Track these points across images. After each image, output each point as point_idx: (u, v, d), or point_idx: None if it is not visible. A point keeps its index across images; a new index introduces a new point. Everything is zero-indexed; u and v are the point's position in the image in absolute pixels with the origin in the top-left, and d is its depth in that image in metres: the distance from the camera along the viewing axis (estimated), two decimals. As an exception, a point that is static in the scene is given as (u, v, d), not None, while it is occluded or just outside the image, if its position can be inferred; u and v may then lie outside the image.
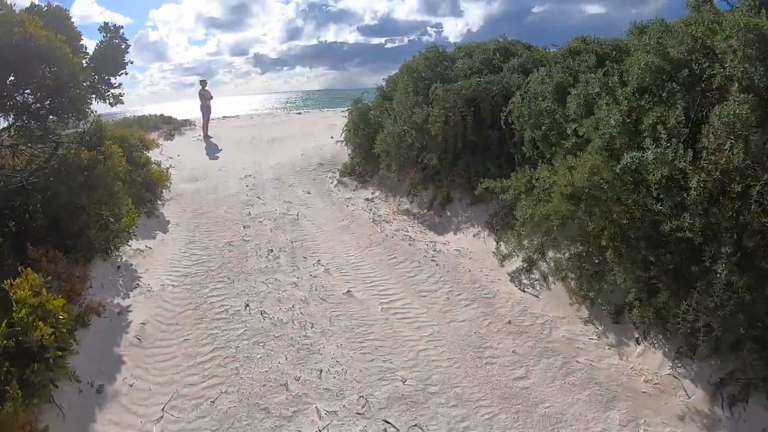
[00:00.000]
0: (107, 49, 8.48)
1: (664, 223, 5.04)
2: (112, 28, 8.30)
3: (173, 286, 7.00)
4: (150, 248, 8.21)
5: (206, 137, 17.68)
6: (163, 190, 11.11)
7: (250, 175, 12.74)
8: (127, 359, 5.39)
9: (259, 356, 5.46)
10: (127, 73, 8.60)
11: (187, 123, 20.19)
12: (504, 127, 7.90)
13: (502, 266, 7.38)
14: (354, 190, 11.53)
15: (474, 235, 8.39)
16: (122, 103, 9.08)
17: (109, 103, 8.93)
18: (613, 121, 5.49)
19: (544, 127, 7.09)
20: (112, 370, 5.21)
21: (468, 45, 11.46)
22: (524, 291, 6.89)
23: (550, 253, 7.13)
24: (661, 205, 5.12)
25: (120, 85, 8.84)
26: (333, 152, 14.28)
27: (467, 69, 10.06)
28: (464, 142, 9.15)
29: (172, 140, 18.12)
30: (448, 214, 9.33)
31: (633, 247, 5.54)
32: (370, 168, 11.80)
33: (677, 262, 5.17)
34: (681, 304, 4.96)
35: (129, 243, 7.86)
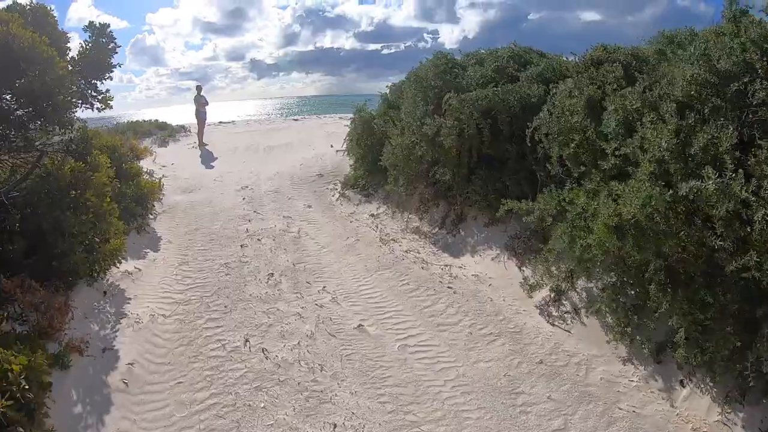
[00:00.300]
0: (93, 50, 7.78)
1: (726, 261, 4.43)
2: (98, 26, 7.58)
3: (164, 316, 6.30)
4: (139, 270, 7.49)
5: (201, 144, 16.97)
6: (155, 203, 10.41)
7: (247, 187, 12.04)
8: (113, 409, 4.69)
9: (262, 405, 4.77)
10: (111, 78, 7.89)
11: (182, 129, 19.44)
12: (529, 143, 7.26)
13: (530, 297, 6.74)
14: (358, 204, 10.86)
15: (492, 259, 7.73)
16: (110, 108, 8.37)
17: (96, 109, 8.24)
18: (664, 143, 4.86)
19: (573, 145, 6.47)
20: (95, 422, 4.50)
21: (477, 52, 10.83)
22: (554, 325, 6.25)
23: (581, 282, 6.53)
24: (721, 241, 4.51)
25: (108, 90, 8.16)
26: (334, 162, 13.62)
27: (479, 77, 9.42)
28: (479, 157, 8.51)
29: (166, 147, 17.37)
30: (463, 233, 8.68)
31: (685, 284, 4.93)
32: (374, 181, 11.13)
33: (739, 302, 4.58)
34: (737, 347, 4.45)
35: (117, 264, 7.14)
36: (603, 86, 6.84)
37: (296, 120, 24.58)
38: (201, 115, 16.99)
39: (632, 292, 5.70)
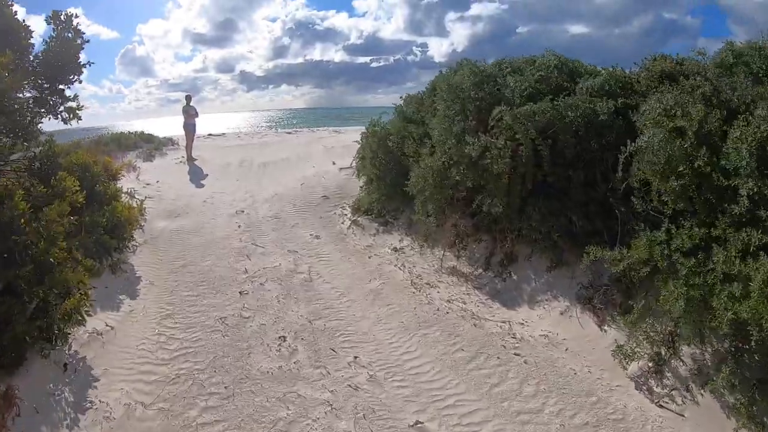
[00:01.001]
0: (57, 46, 6.07)
1: None
2: (63, 17, 5.88)
3: (144, 405, 4.50)
4: (111, 328, 5.69)
5: (190, 159, 15.16)
6: (136, 230, 8.63)
7: (243, 211, 10.28)
8: None
9: None
10: (80, 81, 6.22)
11: (169, 142, 17.57)
12: (620, 172, 5.64)
13: (624, 368, 5.09)
14: (375, 234, 9.15)
15: (561, 313, 6.05)
16: (79, 119, 6.68)
17: (62, 120, 6.54)
18: None
19: (683, 180, 4.91)
20: None
21: (511, 59, 9.24)
22: (661, 406, 4.64)
23: (685, 348, 4.94)
24: None
25: (75, 96, 6.46)
26: (338, 182, 11.93)
27: (523, 89, 7.83)
28: (534, 184, 6.89)
29: (151, 162, 15.50)
30: (515, 278, 7.01)
31: None
32: (392, 206, 9.45)
33: None
34: None
35: (82, 322, 5.36)
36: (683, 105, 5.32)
37: (290, 133, 22.87)
38: (190, 128, 15.21)
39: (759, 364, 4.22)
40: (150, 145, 17.10)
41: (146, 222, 9.43)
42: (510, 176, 6.84)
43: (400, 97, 11.06)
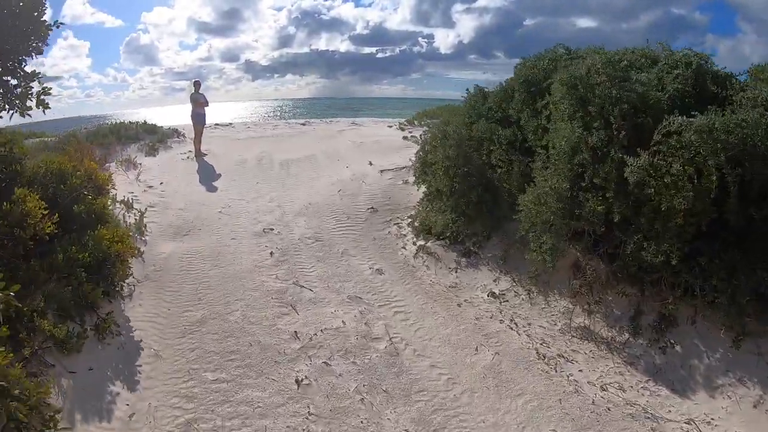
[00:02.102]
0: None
1: None
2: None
3: None
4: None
5: (199, 154, 12.67)
6: (133, 259, 6.20)
7: (272, 229, 7.83)
8: None
9: None
10: (42, 52, 3.83)
11: (174, 133, 15.04)
12: None
13: None
14: (456, 269, 6.72)
15: (755, 405, 3.96)
16: (48, 108, 4.31)
17: (19, 111, 4.16)
18: None
19: None
20: None
21: (621, 52, 6.84)
22: None
23: None
24: None
25: (39, 75, 4.05)
26: (383, 188, 9.49)
27: (655, 91, 5.54)
28: (710, 224, 4.56)
29: (154, 156, 12.98)
30: (678, 349, 4.71)
31: None
32: (473, 229, 7.03)
33: None
34: None
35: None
36: None
37: (303, 124, 20.29)
38: (199, 118, 12.68)
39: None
40: (153, 138, 14.55)
41: (147, 245, 7.00)
42: (684, 214, 4.47)
43: (467, 89, 8.67)
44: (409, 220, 8.18)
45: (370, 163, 11.09)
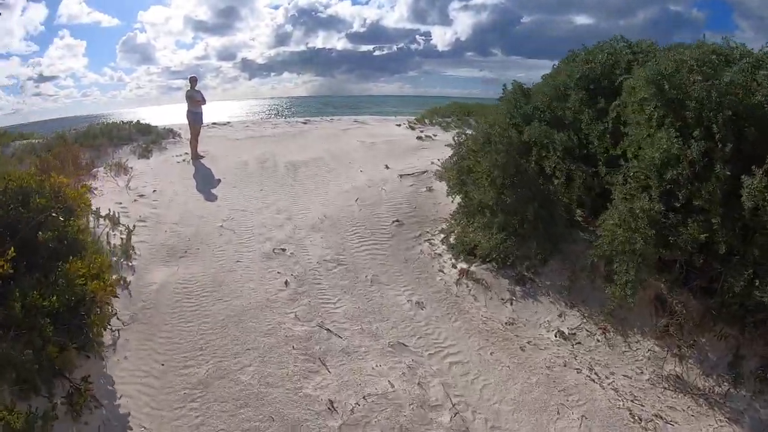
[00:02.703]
0: None
1: None
2: None
3: None
4: None
5: (195, 157, 11.31)
6: (117, 294, 4.87)
7: (283, 249, 6.51)
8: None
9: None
10: None
11: (169, 133, 13.66)
12: None
13: None
14: (511, 300, 5.44)
15: None
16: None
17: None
18: None
19: None
20: None
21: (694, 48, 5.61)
22: None
23: None
24: None
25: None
26: (406, 196, 8.20)
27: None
28: None
29: (148, 159, 11.62)
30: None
31: None
32: (526, 250, 5.75)
33: None
34: None
35: None
36: None
37: (304, 123, 18.89)
38: (195, 118, 11.29)
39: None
40: (147, 138, 13.16)
41: (135, 272, 5.68)
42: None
43: (504, 86, 7.37)
44: (442, 235, 6.89)
45: (387, 167, 9.78)
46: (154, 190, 8.86)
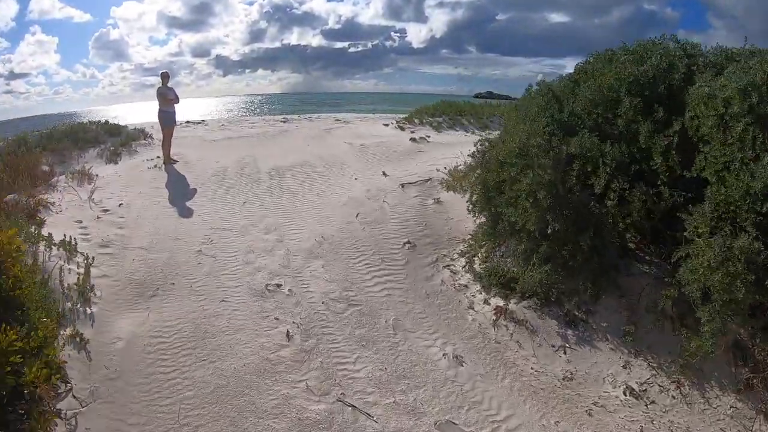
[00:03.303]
0: None
1: None
2: None
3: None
4: None
5: (168, 161, 9.87)
6: (69, 366, 3.56)
7: (278, 283, 5.21)
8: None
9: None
10: None
11: (140, 134, 12.12)
12: None
13: None
14: (564, 348, 4.27)
15: None
16: None
17: None
18: None
19: None
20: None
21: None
22: None
23: None
24: None
25: None
26: (414, 212, 7.00)
27: None
28: None
29: (116, 164, 10.14)
30: None
31: None
32: (573, 284, 4.62)
33: None
34: None
35: None
36: None
37: (284, 122, 17.47)
38: (167, 118, 9.82)
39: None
40: (116, 140, 11.65)
41: (94, 322, 4.33)
42: None
43: (529, 86, 6.26)
44: (463, 260, 5.72)
45: (384, 174, 8.56)
46: (121, 204, 7.45)
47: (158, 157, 10.20)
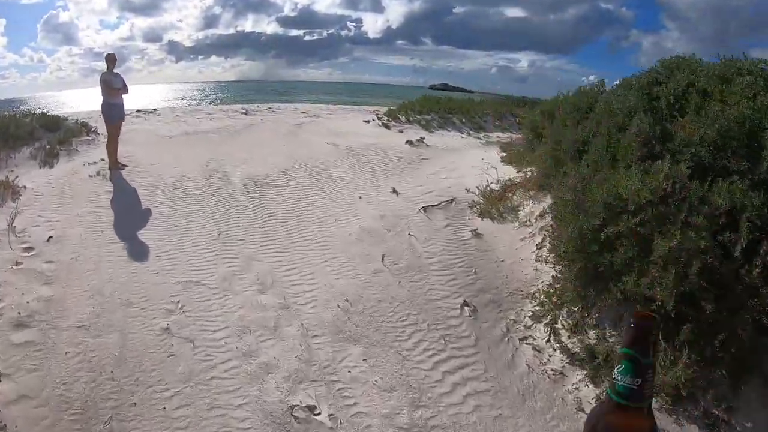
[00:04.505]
0: None
1: None
2: None
3: None
4: None
5: (115, 165, 7.36)
6: None
7: (310, 405, 3.10)
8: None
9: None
10: None
11: (83, 129, 9.40)
12: None
13: None
14: None
15: None
16: None
17: None
18: None
19: None
20: None
21: None
22: None
23: None
24: None
25: None
26: (452, 250, 5.07)
27: None
28: None
29: (51, 168, 7.52)
30: None
31: None
32: (704, 372, 2.87)
33: None
34: None
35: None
36: None
37: (246, 113, 14.89)
38: (113, 111, 7.26)
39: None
40: (53, 136, 8.92)
41: None
42: None
43: (580, 88, 4.64)
44: (542, 328, 3.86)
45: (395, 192, 6.53)
46: (50, 237, 5.03)
47: (103, 159, 7.67)
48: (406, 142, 8.99)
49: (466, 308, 4.10)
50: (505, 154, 7.78)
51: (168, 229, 5.42)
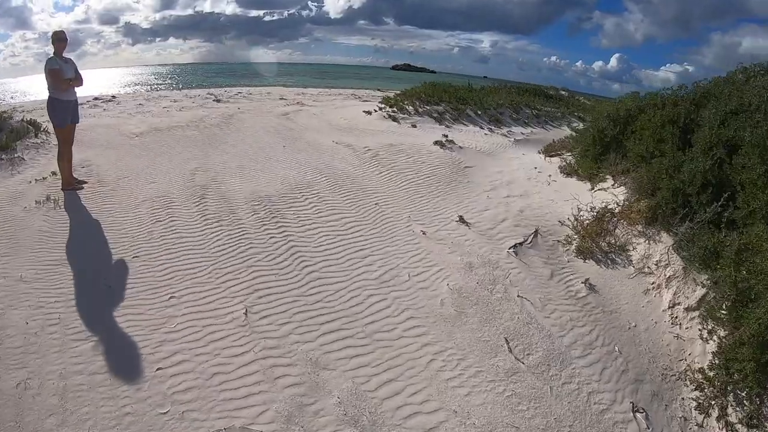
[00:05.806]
0: None
1: None
2: None
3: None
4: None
5: (69, 184, 5.07)
6: None
7: None
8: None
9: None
10: None
11: (30, 128, 6.85)
12: None
13: None
14: None
15: None
16: None
17: None
18: None
19: None
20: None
21: None
22: None
23: None
24: None
25: None
26: (582, 319, 3.31)
27: None
28: None
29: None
30: None
31: None
32: None
33: None
34: None
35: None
36: None
37: (218, 101, 12.41)
38: (65, 110, 4.88)
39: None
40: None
41: None
42: None
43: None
44: (715, 424, 2.38)
45: (463, 221, 4.67)
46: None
47: (54, 173, 5.36)
48: (435, 142, 7.06)
49: (638, 415, 2.43)
50: (556, 159, 6.06)
51: (155, 306, 3.33)
